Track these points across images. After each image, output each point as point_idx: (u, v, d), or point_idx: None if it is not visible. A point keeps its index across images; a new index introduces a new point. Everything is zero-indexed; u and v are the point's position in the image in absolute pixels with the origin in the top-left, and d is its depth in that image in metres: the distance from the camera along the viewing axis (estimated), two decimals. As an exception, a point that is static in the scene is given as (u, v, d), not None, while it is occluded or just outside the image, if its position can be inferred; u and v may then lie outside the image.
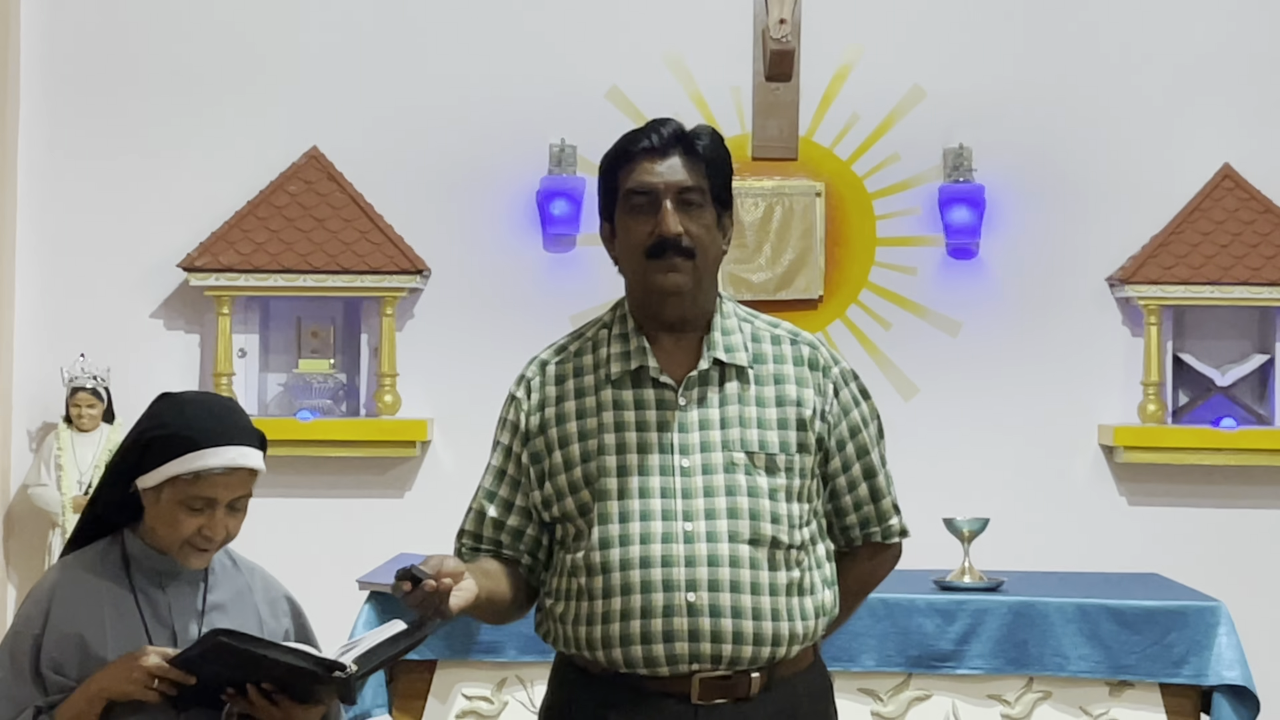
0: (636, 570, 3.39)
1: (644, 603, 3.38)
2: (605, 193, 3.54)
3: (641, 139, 3.48)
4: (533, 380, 3.56)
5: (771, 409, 3.48)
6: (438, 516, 7.13)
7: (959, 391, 7.24)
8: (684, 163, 3.44)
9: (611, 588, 3.41)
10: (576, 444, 3.48)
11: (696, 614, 3.38)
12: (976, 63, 7.26)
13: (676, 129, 3.48)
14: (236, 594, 3.61)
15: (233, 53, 7.27)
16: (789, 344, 3.55)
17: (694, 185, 3.44)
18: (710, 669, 3.40)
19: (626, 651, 3.40)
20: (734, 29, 7.24)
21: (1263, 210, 7.16)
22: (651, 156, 3.45)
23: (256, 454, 3.49)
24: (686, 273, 3.44)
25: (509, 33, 7.28)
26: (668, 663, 3.38)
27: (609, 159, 3.52)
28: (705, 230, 3.45)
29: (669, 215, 3.42)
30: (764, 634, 3.41)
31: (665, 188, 3.43)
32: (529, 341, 7.15)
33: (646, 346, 3.49)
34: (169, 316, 7.29)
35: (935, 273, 7.27)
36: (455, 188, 7.28)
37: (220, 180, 7.21)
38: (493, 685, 5.63)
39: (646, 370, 3.48)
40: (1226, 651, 5.50)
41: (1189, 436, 7.09)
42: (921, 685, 5.58)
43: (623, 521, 3.42)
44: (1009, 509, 6.86)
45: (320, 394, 7.20)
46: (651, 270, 3.45)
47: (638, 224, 3.46)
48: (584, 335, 3.59)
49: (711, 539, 3.40)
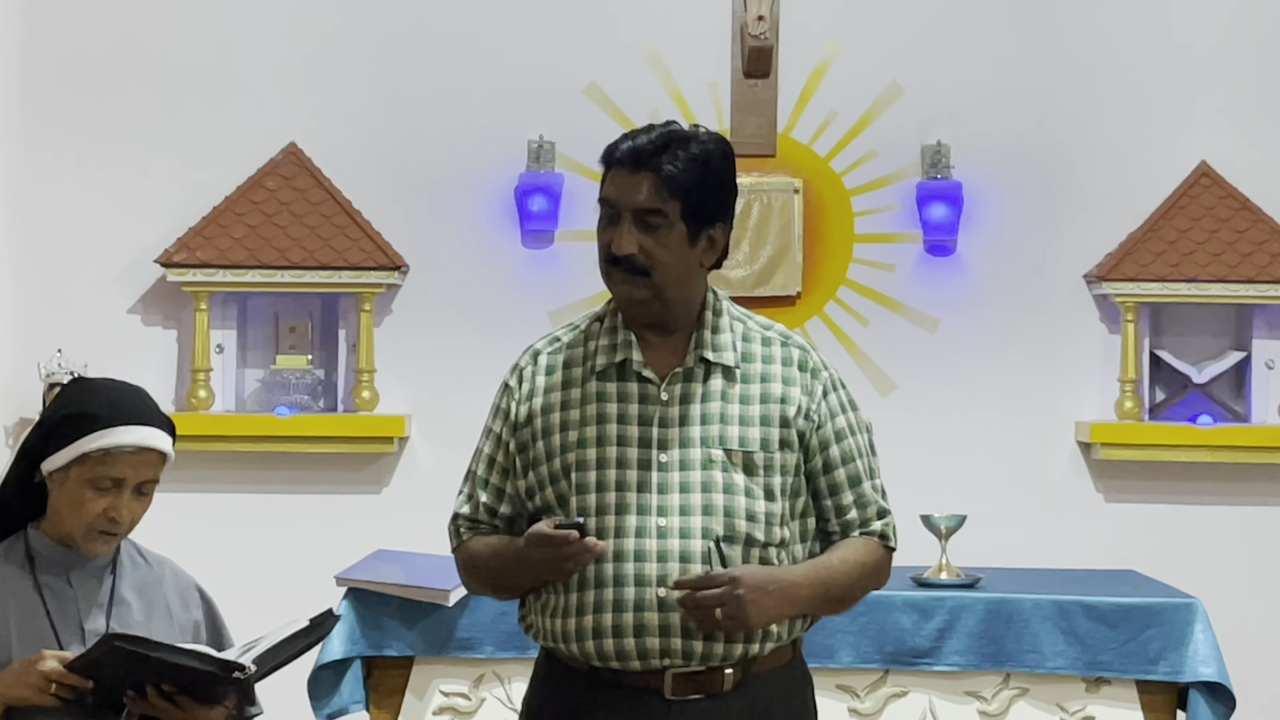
0: (610, 564, 3.42)
1: (616, 596, 3.41)
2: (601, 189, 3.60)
3: (624, 144, 3.50)
4: (525, 369, 3.60)
5: (755, 406, 3.51)
6: (415, 512, 7.17)
7: (936, 388, 7.25)
8: (652, 182, 3.46)
9: (585, 580, 3.43)
10: (558, 434, 3.51)
11: (667, 609, 3.40)
12: (955, 60, 7.26)
13: (658, 140, 3.47)
14: (145, 586, 3.60)
15: (211, 48, 7.25)
16: (779, 345, 3.59)
17: (656, 208, 3.46)
18: (682, 664, 3.41)
19: (600, 644, 3.42)
20: (712, 25, 7.23)
21: (1240, 207, 7.17)
22: (623, 169, 3.48)
23: (166, 438, 3.49)
24: (641, 287, 3.48)
25: (487, 29, 7.27)
26: (639, 657, 3.40)
27: (603, 155, 3.57)
28: (665, 249, 3.47)
29: (624, 234, 3.47)
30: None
31: (625, 205, 3.46)
32: (507, 338, 7.21)
33: (633, 341, 3.52)
34: (146, 312, 7.27)
35: (913, 269, 7.28)
36: (433, 184, 7.27)
37: (198, 175, 7.19)
38: (470, 682, 5.63)
39: (630, 364, 3.50)
40: (1202, 648, 5.52)
41: (1166, 433, 7.10)
42: (899, 682, 5.60)
43: (599, 514, 3.45)
44: (986, 505, 6.88)
45: (298, 390, 7.19)
46: (608, 279, 3.53)
47: (603, 232, 3.54)
48: (578, 327, 3.63)
49: (685, 535, 3.42)
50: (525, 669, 5.54)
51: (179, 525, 7.19)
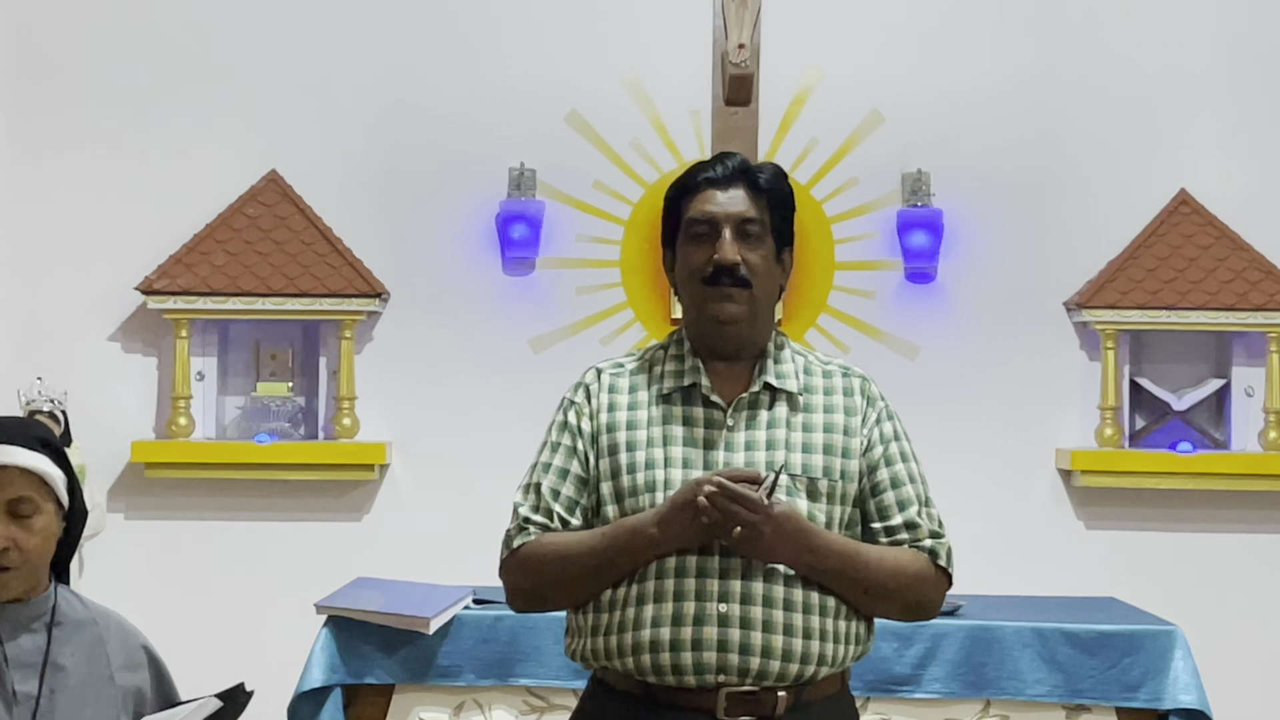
0: (671, 579, 3.45)
1: (675, 610, 3.43)
2: (668, 221, 3.66)
3: (707, 169, 3.62)
4: (591, 386, 3.65)
5: (818, 434, 3.56)
6: (396, 539, 7.18)
7: (917, 415, 7.13)
8: (746, 194, 3.58)
9: (644, 594, 3.46)
10: (624, 453, 3.55)
11: (727, 625, 3.42)
12: (935, 88, 7.28)
13: (741, 161, 3.62)
14: (86, 647, 3.47)
15: (191, 75, 7.26)
16: (840, 376, 3.68)
17: (754, 217, 3.57)
18: (737, 683, 3.43)
19: (655, 658, 3.43)
20: (693, 53, 7.24)
21: (1219, 235, 7.20)
22: (715, 186, 3.60)
23: (30, 455, 3.36)
24: (742, 302, 3.54)
25: (468, 56, 7.28)
26: (695, 672, 3.42)
27: (674, 189, 3.66)
28: (762, 261, 3.57)
29: (727, 244, 3.54)
30: (793, 651, 3.45)
31: (726, 217, 3.57)
32: (487, 365, 7.24)
33: (701, 367, 3.57)
34: (126, 339, 7.27)
35: (893, 297, 7.29)
36: (414, 211, 7.27)
37: (178, 203, 7.20)
38: (450, 710, 5.61)
39: (699, 388, 3.56)
40: (1182, 675, 5.52)
41: (1146, 461, 7.11)
42: (879, 709, 5.59)
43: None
44: (967, 532, 6.82)
45: (278, 417, 7.19)
46: (709, 298, 3.57)
47: (698, 251, 3.58)
48: (641, 356, 3.70)
49: None
50: (506, 697, 5.58)
51: (159, 553, 7.22)
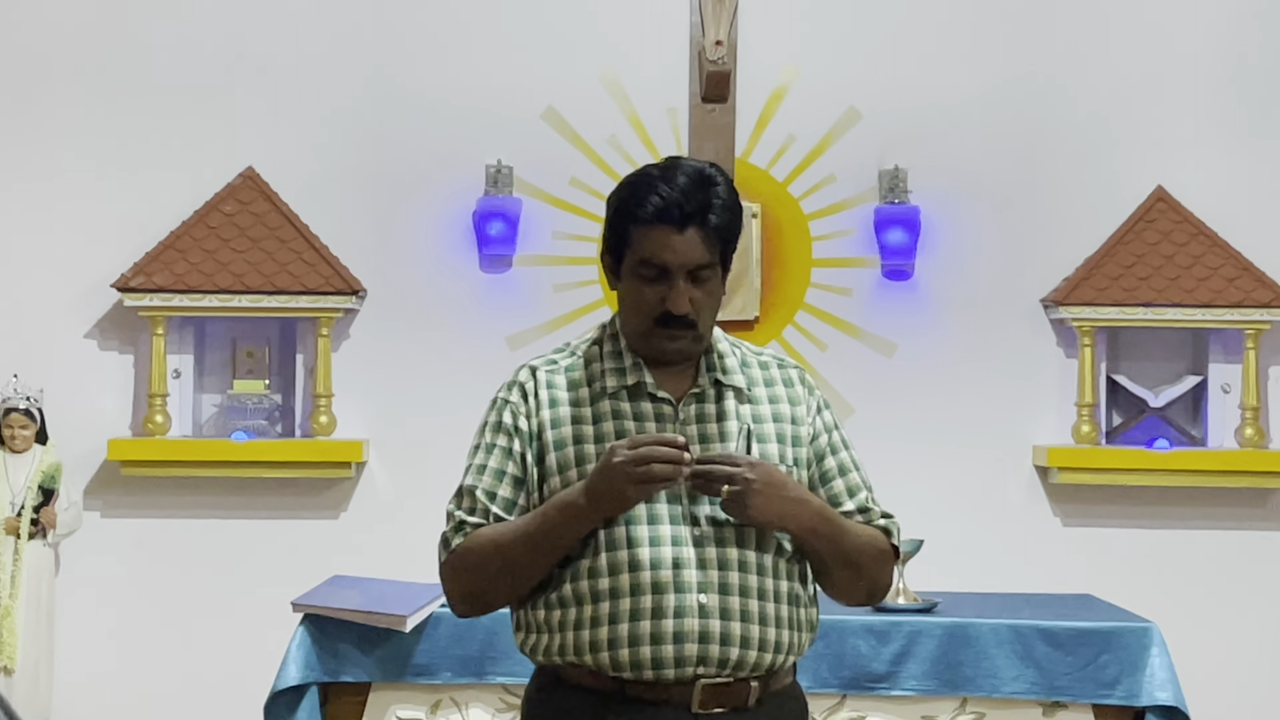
0: (648, 571, 3.41)
1: (655, 603, 3.40)
2: (614, 234, 3.51)
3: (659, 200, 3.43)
4: (527, 384, 3.57)
5: (769, 424, 3.54)
6: (373, 537, 7.17)
7: (894, 413, 7.26)
8: (701, 238, 3.43)
9: (620, 589, 3.41)
10: (572, 447, 3.49)
11: (707, 615, 3.40)
12: (912, 85, 7.28)
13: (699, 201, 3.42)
14: None
15: (168, 72, 7.24)
16: (777, 368, 3.65)
17: (708, 262, 3.45)
18: (715, 674, 3.41)
19: (634, 652, 3.40)
20: (670, 51, 7.25)
21: (1195, 233, 7.21)
22: (669, 228, 3.43)
23: None
24: (688, 339, 3.48)
25: (444, 54, 7.27)
26: (675, 665, 3.40)
27: (624, 205, 3.48)
28: (710, 296, 3.48)
29: (680, 295, 3.43)
30: (768, 640, 3.44)
31: (680, 266, 3.44)
32: (465, 362, 7.23)
33: (642, 365, 3.52)
34: (103, 337, 7.25)
35: (871, 294, 7.29)
36: (391, 208, 7.27)
37: (155, 200, 7.18)
38: (427, 708, 5.61)
39: (644, 386, 3.51)
40: (1159, 672, 5.52)
41: (1123, 457, 7.12)
42: (856, 707, 5.59)
43: (632, 524, 3.43)
44: (944, 530, 6.88)
45: (255, 415, 7.17)
46: (656, 335, 3.49)
47: (648, 290, 3.47)
48: (573, 351, 3.61)
49: (721, 543, 3.44)
50: (482, 695, 5.57)
51: (136, 551, 7.20)
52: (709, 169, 3.49)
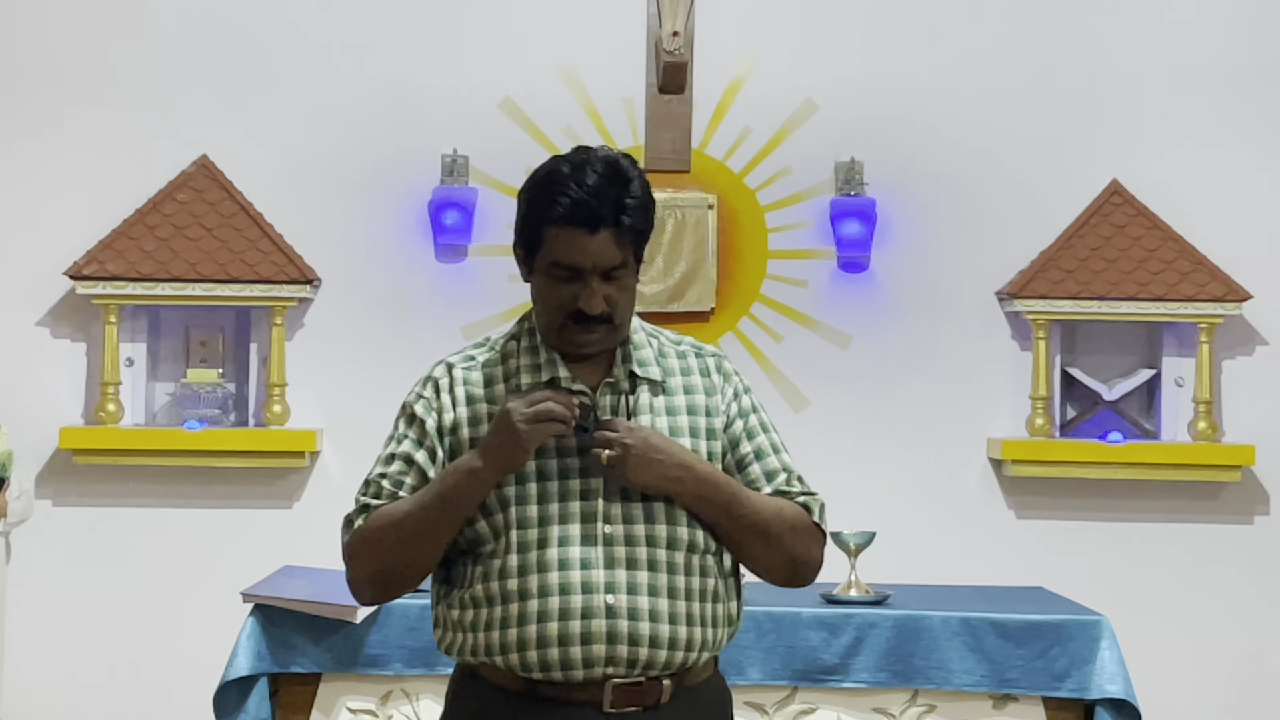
0: (555, 572, 3.40)
1: (562, 604, 3.39)
2: (525, 230, 3.49)
3: (569, 201, 3.40)
4: (441, 380, 3.56)
5: (683, 417, 3.52)
6: (326, 527, 7.08)
7: (849, 404, 7.26)
8: (612, 238, 3.42)
9: (528, 590, 3.41)
10: None
11: (615, 616, 3.39)
12: (868, 77, 7.28)
13: (611, 200, 3.40)
14: None
15: (122, 59, 7.21)
16: (694, 357, 3.62)
17: (620, 262, 3.44)
18: (625, 674, 3.40)
19: (543, 654, 3.39)
20: (627, 41, 7.24)
21: (1150, 227, 7.22)
22: (581, 231, 3.40)
23: None
24: (603, 333, 3.47)
25: (401, 43, 7.25)
26: (583, 665, 3.39)
27: (534, 208, 3.46)
28: (625, 292, 3.47)
29: (593, 295, 3.42)
30: (679, 638, 3.43)
31: (593, 268, 3.42)
32: (420, 352, 7.17)
33: (557, 359, 3.50)
34: (55, 325, 7.21)
35: (826, 286, 7.29)
36: (347, 197, 7.24)
37: (108, 188, 7.15)
38: (377, 699, 5.60)
39: (558, 381, 3.49)
40: (1109, 665, 5.54)
41: (1076, 450, 7.14)
42: (807, 699, 5.60)
43: (542, 525, 3.42)
44: (898, 521, 6.90)
45: (209, 404, 7.14)
46: (570, 331, 3.47)
47: (561, 289, 3.45)
48: (492, 347, 3.59)
49: (630, 542, 3.43)
50: (433, 686, 5.56)
51: (88, 540, 7.17)
52: (622, 162, 3.45)
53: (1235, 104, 7.32)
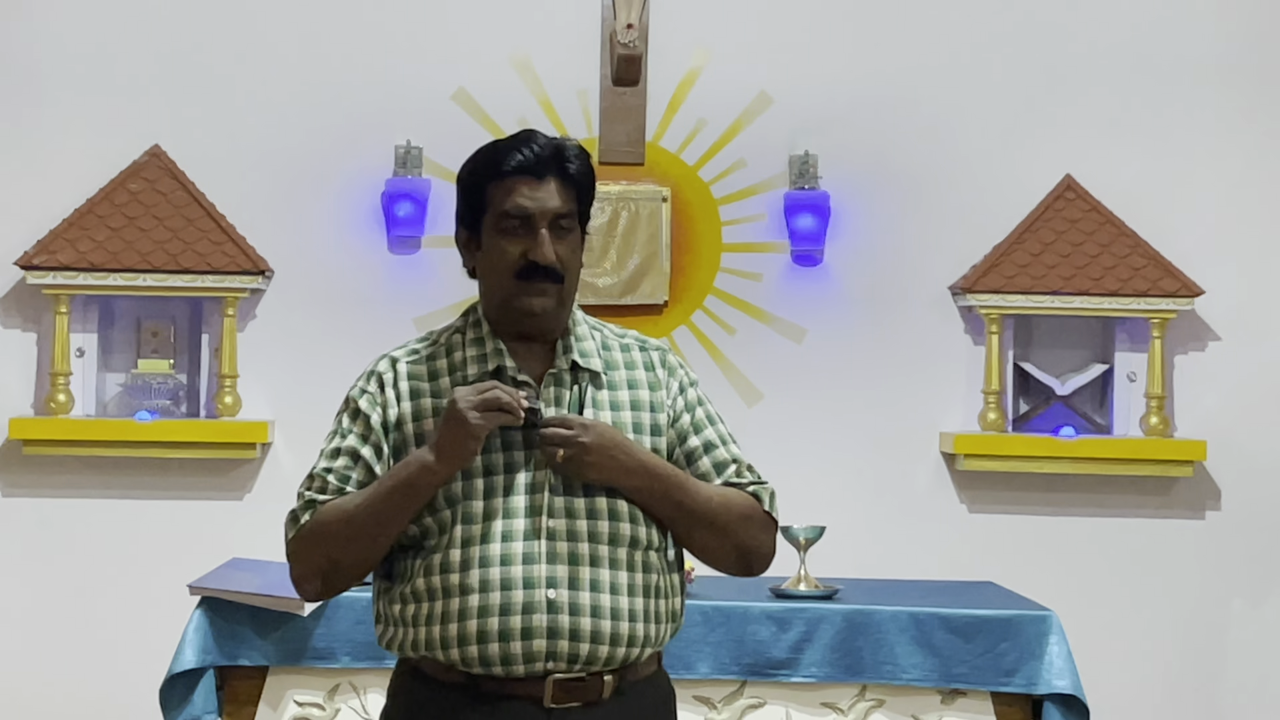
0: (496, 567, 3.40)
1: (503, 599, 3.39)
2: (469, 203, 3.53)
3: (516, 155, 3.49)
4: (385, 375, 3.56)
5: (626, 413, 3.53)
6: (277, 519, 7.06)
7: (802, 398, 7.26)
8: (559, 187, 3.49)
9: (469, 585, 3.41)
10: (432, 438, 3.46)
11: (556, 611, 3.40)
12: (823, 71, 7.28)
13: (553, 149, 3.50)
14: None
15: (72, 47, 7.17)
16: (638, 350, 3.63)
17: (568, 211, 3.47)
18: (565, 669, 3.41)
19: (483, 649, 3.40)
20: (581, 33, 7.23)
21: (1103, 221, 7.23)
22: (528, 178, 3.47)
23: None
24: (553, 296, 3.49)
25: (354, 33, 7.22)
26: (524, 660, 3.40)
27: (477, 170, 3.53)
28: (573, 253, 3.52)
29: (545, 243, 3.46)
30: (620, 634, 3.44)
31: (542, 214, 3.47)
32: (372, 344, 7.11)
33: (503, 348, 3.51)
34: (5, 315, 7.17)
35: (780, 279, 7.29)
36: (299, 188, 7.22)
37: (59, 177, 7.11)
38: (325, 692, 5.59)
39: (504, 370, 3.50)
40: (1057, 661, 5.56)
41: (1028, 445, 7.14)
42: (755, 693, 5.60)
43: (485, 520, 3.43)
44: (849, 515, 6.91)
45: (160, 394, 7.11)
46: (520, 292, 3.49)
47: (510, 244, 3.49)
48: (435, 340, 3.60)
49: (573, 537, 3.43)
50: (381, 679, 5.53)
51: (37, 531, 7.14)
52: (567, 144, 3.55)
53: (1188, 100, 7.33)
